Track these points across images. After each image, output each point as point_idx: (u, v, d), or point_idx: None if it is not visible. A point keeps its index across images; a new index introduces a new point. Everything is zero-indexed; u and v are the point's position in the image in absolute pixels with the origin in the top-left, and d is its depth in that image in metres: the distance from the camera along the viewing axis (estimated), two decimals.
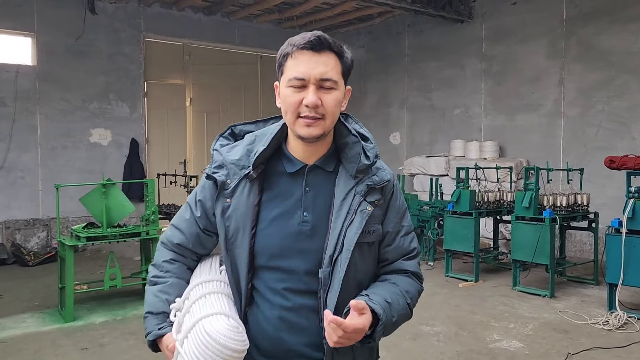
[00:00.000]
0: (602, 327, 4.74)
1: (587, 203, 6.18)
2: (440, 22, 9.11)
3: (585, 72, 7.63)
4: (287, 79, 1.34)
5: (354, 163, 1.40)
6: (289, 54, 1.34)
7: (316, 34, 1.32)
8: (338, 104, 1.36)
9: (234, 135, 1.52)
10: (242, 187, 1.40)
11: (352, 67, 1.40)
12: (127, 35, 8.96)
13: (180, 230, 1.53)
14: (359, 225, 1.38)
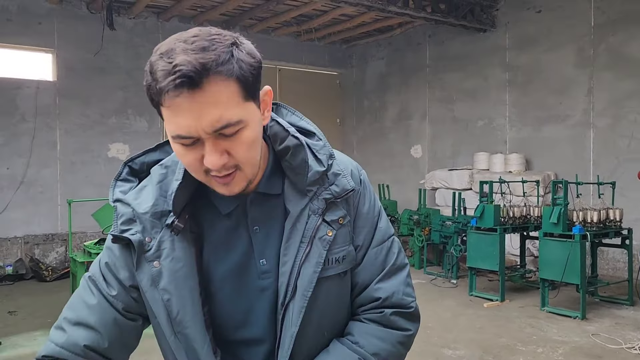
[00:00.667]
0: (638, 352, 4.41)
1: (619, 218, 5.84)
2: (461, 31, 8.89)
3: (616, 80, 7.31)
4: (170, 132, 0.92)
5: (301, 174, 1.03)
6: (160, 98, 0.88)
7: (179, 65, 0.84)
8: (253, 143, 0.95)
9: (135, 172, 1.09)
10: (170, 243, 1.00)
11: (258, 71, 0.95)
12: (145, 50, 8.97)
13: (85, 324, 1.03)
14: (318, 258, 1.01)
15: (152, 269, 1.00)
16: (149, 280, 1.00)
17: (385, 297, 1.09)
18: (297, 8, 8.60)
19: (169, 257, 1.00)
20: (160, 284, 0.99)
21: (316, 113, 10.99)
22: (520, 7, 8.37)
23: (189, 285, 1.00)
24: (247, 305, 1.04)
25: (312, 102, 10.92)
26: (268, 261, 1.04)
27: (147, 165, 1.09)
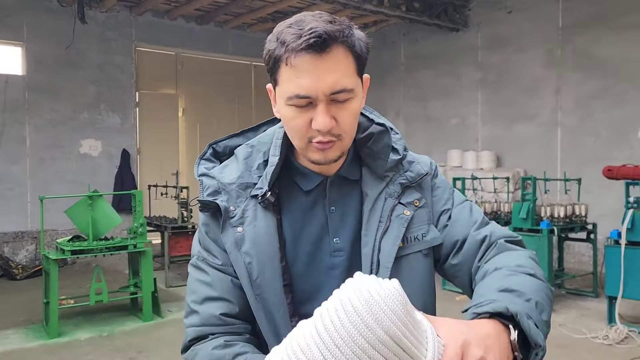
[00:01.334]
0: (602, 341, 4.61)
1: (585, 214, 6.06)
2: (435, 30, 9.04)
3: (582, 80, 7.56)
4: (285, 95, 1.00)
5: (382, 159, 1.12)
6: (282, 59, 0.98)
7: (316, 29, 0.94)
8: (357, 116, 1.05)
9: (217, 155, 1.19)
10: (253, 212, 1.08)
11: (369, 51, 1.05)
12: (118, 44, 8.86)
13: (211, 300, 1.09)
14: (397, 233, 1.07)
15: (236, 233, 1.07)
16: (233, 243, 1.07)
17: (489, 234, 1.12)
18: (273, 4, 8.62)
19: (252, 224, 1.07)
20: (243, 248, 1.06)
21: None
22: (492, 8, 8.56)
23: (269, 252, 1.06)
24: (316, 282, 1.09)
25: None
26: (341, 240, 1.09)
27: (229, 148, 1.18)
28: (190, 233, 6.86)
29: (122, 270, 7.46)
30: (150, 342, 4.77)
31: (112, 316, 5.47)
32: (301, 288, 1.08)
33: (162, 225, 7.10)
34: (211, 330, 1.08)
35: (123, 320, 5.35)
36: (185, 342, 1.10)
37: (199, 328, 1.08)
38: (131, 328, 5.15)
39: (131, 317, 5.48)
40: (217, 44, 9.89)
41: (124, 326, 5.20)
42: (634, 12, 7.00)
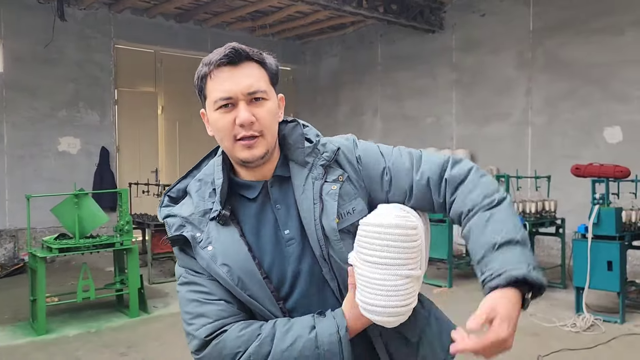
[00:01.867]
0: (570, 329, 4.89)
1: (554, 209, 6.38)
2: (411, 32, 9.28)
3: (551, 82, 7.89)
4: (212, 102, 1.22)
5: (299, 148, 1.29)
6: (207, 75, 1.22)
7: (230, 46, 1.21)
8: (273, 115, 1.25)
9: (173, 200, 1.36)
10: (216, 232, 1.25)
11: (279, 72, 1.30)
12: (97, 42, 8.83)
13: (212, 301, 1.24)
14: (332, 209, 1.23)
15: (208, 252, 1.23)
16: (209, 260, 1.23)
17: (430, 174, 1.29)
18: (253, 4, 8.71)
19: (218, 241, 1.24)
20: (218, 262, 1.23)
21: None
22: (466, 11, 8.84)
23: (241, 257, 1.23)
24: (283, 268, 1.26)
25: None
26: (290, 230, 1.27)
27: (182, 191, 1.37)
28: None
29: (102, 268, 7.49)
30: (139, 337, 4.86)
31: (98, 313, 5.53)
32: (275, 276, 1.25)
33: (144, 222, 7.16)
34: (224, 322, 1.22)
35: (110, 317, 5.42)
36: (199, 342, 1.22)
37: (211, 324, 1.21)
38: (118, 324, 5.23)
39: (117, 313, 5.55)
40: (197, 42, 9.93)
41: (111, 322, 5.27)
42: (599, 18, 7.36)
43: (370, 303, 1.12)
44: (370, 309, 1.12)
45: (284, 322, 1.21)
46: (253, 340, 1.18)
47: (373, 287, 1.11)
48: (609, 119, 7.33)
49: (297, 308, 1.26)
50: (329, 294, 1.27)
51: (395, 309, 1.11)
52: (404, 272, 1.11)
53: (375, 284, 1.11)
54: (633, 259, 6.78)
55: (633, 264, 6.79)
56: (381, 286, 1.10)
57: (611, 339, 4.61)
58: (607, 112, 7.34)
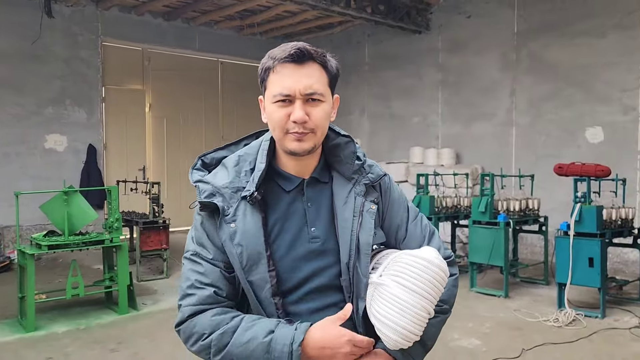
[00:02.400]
0: (552, 324, 5.03)
1: (537, 207, 6.53)
2: (398, 32, 9.38)
3: (535, 83, 8.05)
4: (271, 95, 1.30)
5: (349, 164, 1.38)
6: (271, 69, 1.29)
7: (297, 45, 1.28)
8: (326, 116, 1.32)
9: (206, 165, 1.43)
10: (243, 211, 1.31)
11: (339, 75, 1.37)
12: (84, 39, 8.79)
13: (204, 284, 1.31)
14: (370, 225, 1.34)
15: (230, 228, 1.30)
16: (228, 236, 1.30)
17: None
18: (242, 3, 8.74)
19: (242, 221, 1.31)
20: (235, 240, 1.30)
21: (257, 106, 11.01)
22: (452, 12, 8.97)
23: (256, 242, 1.30)
24: (294, 264, 1.33)
25: (253, 94, 10.98)
26: (317, 229, 1.35)
27: (215, 159, 1.43)
28: (161, 228, 6.96)
29: (90, 266, 7.47)
30: (128, 334, 4.89)
31: (87, 310, 5.54)
32: (282, 270, 1.31)
33: (132, 220, 7.16)
34: (206, 308, 1.30)
35: (99, 314, 5.43)
36: (181, 319, 1.32)
37: (195, 307, 1.31)
38: (108, 321, 5.25)
39: (106, 310, 5.56)
40: (184, 40, 9.93)
41: (101, 319, 5.28)
42: (582, 21, 7.53)
43: (392, 320, 1.23)
44: (390, 324, 1.23)
45: (251, 319, 1.27)
46: (220, 327, 1.26)
47: (402, 308, 1.22)
48: (591, 120, 7.51)
49: (300, 303, 1.33)
50: (338, 299, 1.34)
51: (410, 334, 1.23)
52: (429, 307, 1.24)
53: (405, 306, 1.22)
54: (613, 255, 6.96)
55: (613, 261, 6.97)
56: (409, 310, 1.22)
57: (592, 333, 4.74)
58: (589, 112, 7.52)
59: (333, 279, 1.33)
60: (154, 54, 9.88)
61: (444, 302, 1.38)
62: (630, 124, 7.15)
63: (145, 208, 7.44)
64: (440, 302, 1.35)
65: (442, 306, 1.39)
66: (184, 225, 10.12)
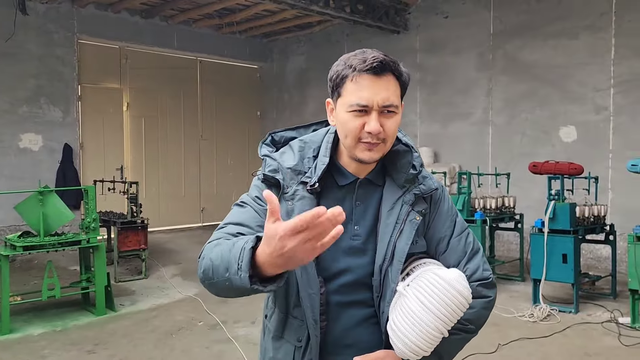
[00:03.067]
0: (528, 319, 5.14)
1: (513, 205, 6.65)
2: (377, 32, 9.45)
3: (511, 83, 8.19)
4: (347, 103, 1.31)
5: (403, 172, 1.41)
6: (348, 77, 1.30)
7: (378, 58, 1.28)
8: (397, 127, 1.36)
9: (274, 142, 1.49)
10: (301, 194, 1.36)
11: (409, 83, 1.39)
12: (59, 36, 8.65)
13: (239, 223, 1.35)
14: (409, 235, 1.37)
15: (288, 205, 1.35)
16: (285, 212, 1.34)
17: (470, 275, 1.43)
18: (220, 2, 8.70)
19: (300, 201, 1.36)
20: (292, 216, 1.26)
21: (237, 105, 11.13)
22: (430, 12, 9.06)
23: None
24: (335, 256, 1.36)
25: (232, 94, 11.04)
26: (360, 228, 1.40)
27: (284, 139, 1.49)
28: (140, 228, 6.89)
29: (66, 267, 7.37)
30: (106, 335, 4.84)
31: (63, 312, 5.46)
32: (322, 258, 1.34)
33: (110, 220, 7.08)
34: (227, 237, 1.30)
35: (75, 315, 5.37)
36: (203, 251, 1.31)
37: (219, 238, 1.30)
38: (85, 322, 5.19)
39: (83, 312, 5.50)
40: (163, 39, 9.84)
41: (78, 321, 5.22)
42: (555, 23, 7.68)
43: (404, 332, 1.29)
44: (401, 336, 1.29)
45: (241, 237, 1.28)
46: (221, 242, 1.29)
47: (414, 322, 1.27)
48: (565, 119, 7.67)
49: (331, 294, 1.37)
50: (366, 297, 1.39)
51: (418, 349, 1.28)
52: (442, 328, 1.28)
53: (418, 322, 1.27)
54: (586, 252, 7.13)
55: (586, 257, 7.14)
56: (420, 326, 1.27)
57: (566, 328, 4.86)
58: (563, 112, 7.68)
59: (365, 277, 1.38)
60: (131, 52, 9.77)
61: (470, 322, 1.40)
62: (602, 123, 7.33)
63: (123, 208, 7.36)
64: (465, 322, 1.38)
65: (467, 326, 1.40)
66: (163, 225, 10.06)
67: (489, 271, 1.48)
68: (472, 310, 1.38)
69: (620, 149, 7.12)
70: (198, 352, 4.41)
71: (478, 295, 1.41)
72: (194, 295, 6.06)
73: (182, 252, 8.36)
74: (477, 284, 1.43)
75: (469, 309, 1.37)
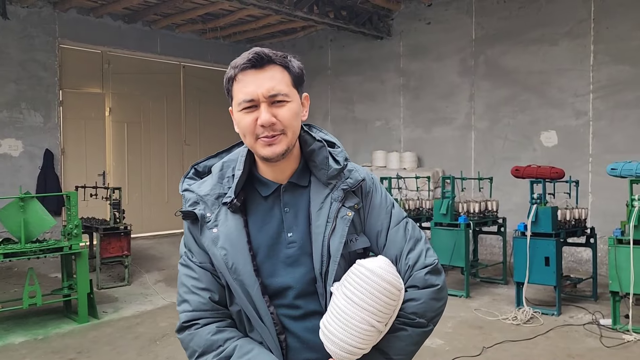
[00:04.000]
0: (511, 322, 5.19)
1: (496, 209, 6.72)
2: (360, 38, 9.51)
3: (493, 88, 8.30)
4: (237, 103, 1.32)
5: (323, 169, 1.37)
6: (233, 78, 1.31)
7: (254, 51, 1.29)
8: (295, 115, 1.32)
9: (199, 173, 1.46)
10: (224, 216, 1.34)
11: (303, 74, 1.37)
12: (40, 41, 8.54)
13: (198, 289, 1.35)
14: (342, 233, 1.33)
15: (212, 234, 1.33)
16: (211, 241, 1.33)
17: (413, 264, 1.37)
18: (204, 7, 8.68)
19: (224, 225, 1.34)
20: (218, 244, 1.32)
21: (220, 110, 11.05)
22: (413, 19, 9.15)
23: (240, 245, 1.32)
24: (275, 267, 1.35)
25: (216, 99, 10.96)
26: (294, 234, 1.36)
27: (208, 168, 1.46)
28: (122, 234, 6.82)
29: (46, 274, 7.25)
30: (89, 343, 4.77)
31: (44, 320, 5.38)
32: (264, 272, 1.34)
33: (92, 226, 6.99)
34: (201, 315, 1.35)
35: (57, 323, 5.28)
36: (179, 325, 1.38)
37: (190, 313, 1.36)
38: (67, 330, 5.11)
39: (65, 319, 5.41)
40: (145, 44, 9.77)
41: (59, 329, 5.14)
42: (536, 29, 7.82)
43: (331, 331, 1.24)
44: (329, 336, 1.24)
45: (243, 351, 1.30)
46: (214, 349, 1.31)
47: (341, 319, 1.23)
48: (546, 124, 7.79)
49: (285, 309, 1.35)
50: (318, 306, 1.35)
51: (349, 347, 1.23)
52: (372, 319, 1.23)
53: (344, 317, 1.22)
54: (568, 255, 7.24)
55: (567, 260, 7.24)
56: (347, 322, 1.22)
57: (549, 330, 4.93)
58: (544, 117, 7.80)
59: (310, 284, 1.34)
60: (113, 57, 9.68)
61: (417, 315, 1.33)
62: (582, 127, 7.46)
63: (105, 214, 7.27)
64: (412, 315, 1.33)
65: (415, 320, 1.33)
66: (146, 231, 9.95)
67: (433, 257, 1.40)
68: (418, 302, 1.33)
69: (599, 153, 7.25)
70: (182, 359, 4.37)
71: (424, 285, 1.35)
72: None
73: (166, 258, 8.29)
74: (422, 271, 1.36)
75: (415, 301, 1.33)
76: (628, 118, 7.09)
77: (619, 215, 5.80)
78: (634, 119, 7.04)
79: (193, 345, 1.33)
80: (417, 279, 1.36)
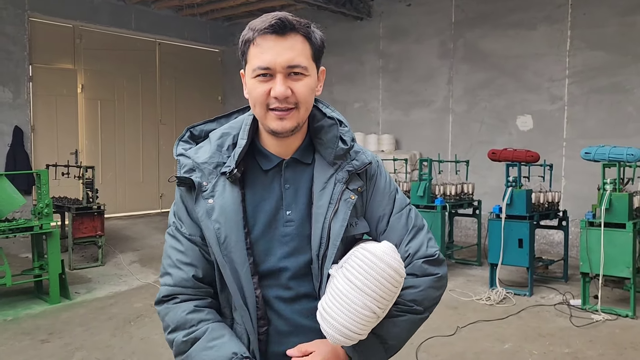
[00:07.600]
0: (485, 302, 5.28)
1: (472, 192, 6.79)
2: (341, 18, 9.41)
3: (471, 72, 8.33)
4: (251, 69, 1.22)
5: (331, 148, 1.30)
6: (251, 41, 1.21)
7: (277, 15, 1.19)
8: (311, 90, 1.24)
9: (194, 137, 1.37)
10: (222, 187, 1.27)
11: (324, 47, 1.29)
12: (9, 13, 8.22)
13: (182, 264, 1.29)
14: (344, 216, 1.27)
15: (207, 204, 1.26)
16: (204, 212, 1.26)
17: (413, 253, 1.34)
18: None
19: (220, 197, 1.26)
20: (213, 216, 1.25)
21: (197, 89, 10.90)
22: (393, 0, 9.08)
23: (235, 219, 1.25)
24: (270, 245, 1.29)
25: (193, 78, 10.79)
26: (293, 213, 1.29)
27: (204, 132, 1.37)
28: (96, 214, 6.69)
29: (16, 254, 7.09)
30: (61, 323, 4.69)
31: (14, 300, 5.26)
32: (258, 250, 1.28)
33: (64, 206, 6.84)
34: (181, 291, 1.29)
35: (28, 304, 5.18)
36: (158, 297, 1.32)
37: (171, 287, 1.30)
38: (38, 311, 5.01)
39: (36, 300, 5.30)
40: (120, 19, 9.50)
41: (30, 309, 5.04)
42: (515, 13, 7.84)
43: (331, 315, 1.20)
44: (328, 319, 1.20)
45: (213, 335, 1.25)
46: (186, 328, 1.26)
47: (342, 302, 1.18)
48: (522, 108, 7.87)
49: (274, 289, 1.30)
50: (310, 289, 1.30)
51: (348, 331, 1.19)
52: (373, 306, 1.19)
53: (345, 301, 1.18)
54: (540, 237, 7.37)
55: (540, 242, 7.38)
56: (349, 306, 1.18)
57: (521, 310, 5.03)
58: (520, 101, 7.87)
59: (305, 266, 1.29)
60: (86, 32, 9.39)
61: (415, 302, 1.31)
62: (557, 112, 7.56)
63: (78, 194, 7.12)
64: (410, 302, 1.30)
65: (413, 307, 1.31)
66: (120, 211, 9.80)
67: (435, 248, 1.37)
68: (417, 290, 1.31)
69: (573, 138, 7.36)
70: (157, 339, 4.32)
71: (424, 274, 1.33)
72: (152, 282, 5.94)
73: (140, 238, 8.17)
74: (421, 260, 1.33)
75: (414, 289, 1.31)
76: (602, 103, 7.20)
77: (591, 199, 5.92)
78: (607, 104, 7.15)
79: (167, 320, 1.29)
80: (417, 267, 1.33)
